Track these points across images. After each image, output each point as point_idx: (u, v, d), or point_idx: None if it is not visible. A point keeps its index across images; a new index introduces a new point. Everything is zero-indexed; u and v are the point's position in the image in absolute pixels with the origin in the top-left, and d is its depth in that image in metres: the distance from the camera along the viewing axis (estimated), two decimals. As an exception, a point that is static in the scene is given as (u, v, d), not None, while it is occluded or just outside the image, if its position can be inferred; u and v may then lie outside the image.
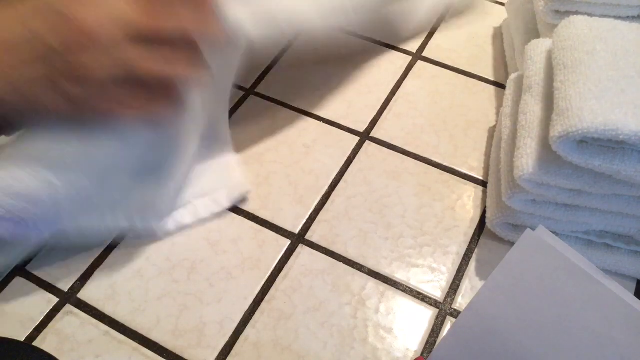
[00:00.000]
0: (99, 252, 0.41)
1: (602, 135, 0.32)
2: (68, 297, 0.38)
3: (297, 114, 0.50)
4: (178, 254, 0.41)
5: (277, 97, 0.51)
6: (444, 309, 0.39)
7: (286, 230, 0.42)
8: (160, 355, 0.36)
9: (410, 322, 0.38)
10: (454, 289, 0.40)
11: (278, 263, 0.40)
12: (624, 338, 0.28)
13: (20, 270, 0.40)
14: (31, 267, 0.40)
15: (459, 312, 0.38)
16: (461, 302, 0.39)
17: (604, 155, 0.33)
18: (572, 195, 0.37)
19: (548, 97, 0.38)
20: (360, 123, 0.49)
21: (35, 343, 0.36)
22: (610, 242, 0.40)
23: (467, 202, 0.44)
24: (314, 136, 0.48)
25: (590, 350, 0.29)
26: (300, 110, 0.50)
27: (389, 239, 0.42)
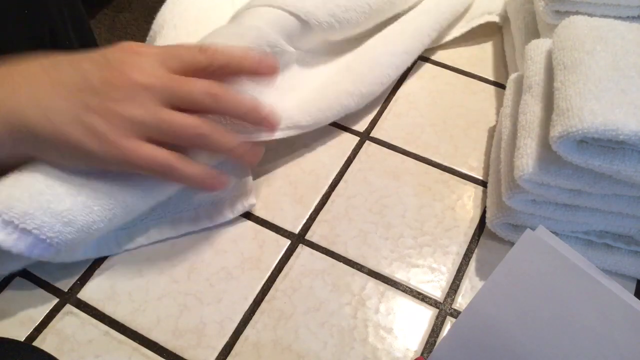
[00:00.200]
0: (99, 252, 0.41)
1: (602, 135, 0.32)
2: (68, 297, 0.38)
3: (297, 114, 0.49)
4: (178, 254, 0.41)
5: (277, 97, 0.51)
6: (444, 309, 0.39)
7: (286, 230, 0.42)
8: (160, 355, 0.36)
9: (410, 322, 0.38)
10: (454, 289, 0.40)
11: (278, 263, 0.40)
12: (624, 338, 0.28)
13: (20, 270, 0.39)
14: (31, 267, 0.40)
15: (459, 312, 0.38)
16: (461, 302, 0.39)
17: (604, 155, 0.33)
18: (572, 195, 0.37)
19: (548, 97, 0.38)
20: (360, 123, 0.49)
21: (35, 343, 0.36)
22: (610, 242, 0.40)
23: (467, 202, 0.44)
24: (314, 136, 0.48)
25: (590, 350, 0.29)
26: (300, 110, 0.50)
27: (389, 239, 0.42)
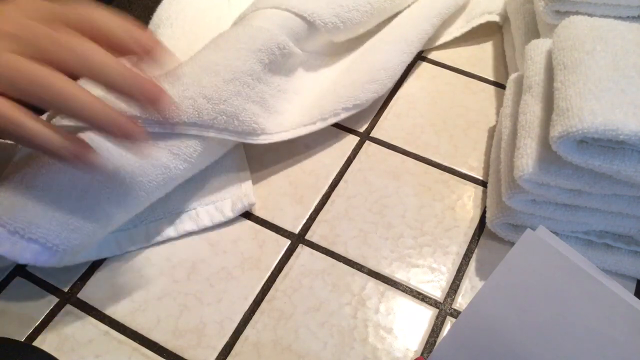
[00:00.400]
0: (99, 252, 0.41)
1: (602, 135, 0.32)
2: (68, 297, 0.38)
3: (297, 114, 0.49)
4: (178, 254, 0.41)
5: (277, 97, 0.51)
6: (444, 309, 0.39)
7: (286, 230, 0.42)
8: (160, 355, 0.36)
9: (410, 322, 0.38)
10: (454, 289, 0.40)
11: (278, 263, 0.40)
12: (624, 337, 0.28)
13: (20, 270, 0.40)
14: (31, 267, 0.40)
15: (459, 312, 0.38)
16: (461, 302, 0.39)
17: (604, 155, 0.33)
18: (572, 195, 0.37)
19: (548, 97, 0.38)
20: (360, 123, 0.49)
21: (35, 343, 0.36)
22: (610, 242, 0.40)
23: (467, 202, 0.44)
24: (314, 136, 0.48)
25: (590, 350, 0.29)
26: (300, 110, 0.50)
27: (389, 239, 0.42)
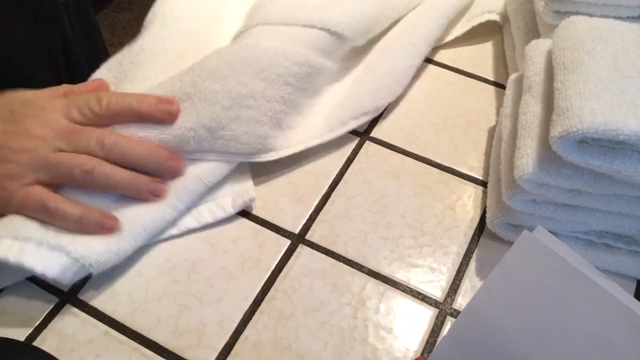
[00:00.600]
0: (99, 252, 0.41)
1: (602, 135, 0.32)
2: (68, 297, 0.38)
3: (297, 114, 0.49)
4: (178, 254, 0.41)
5: (277, 97, 0.51)
6: (444, 309, 0.39)
7: (286, 230, 0.42)
8: (160, 355, 0.36)
9: (410, 322, 0.38)
10: (454, 289, 0.40)
11: (278, 263, 0.40)
12: (621, 338, 0.28)
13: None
14: (31, 267, 0.40)
15: (459, 312, 0.38)
16: (461, 302, 0.39)
17: (604, 155, 0.33)
18: (572, 195, 0.37)
19: (548, 97, 0.38)
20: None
21: (35, 343, 0.36)
22: (610, 242, 0.40)
23: (467, 202, 0.44)
24: (314, 136, 0.48)
25: (587, 351, 0.29)
26: (300, 110, 0.50)
27: (389, 239, 0.42)
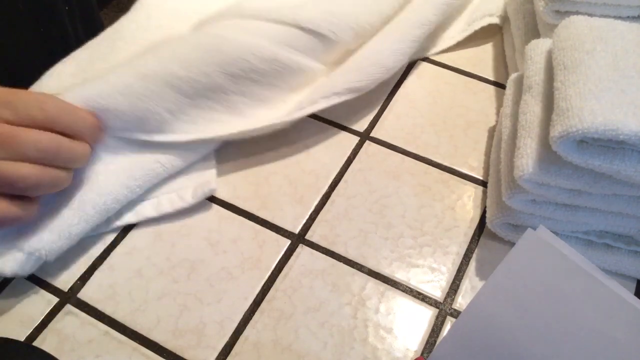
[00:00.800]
0: (99, 252, 0.41)
1: (602, 135, 0.32)
2: (68, 297, 0.38)
3: (297, 114, 0.49)
4: (178, 254, 0.41)
5: (277, 97, 0.51)
6: (444, 309, 0.39)
7: (286, 230, 0.42)
8: (160, 355, 0.36)
9: (410, 322, 0.38)
10: (454, 289, 0.40)
11: (278, 263, 0.40)
12: (625, 337, 0.28)
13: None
14: (31, 267, 0.40)
15: (459, 312, 0.38)
16: (461, 302, 0.39)
17: (604, 155, 0.33)
18: (572, 195, 0.37)
19: (548, 97, 0.38)
20: (360, 123, 0.49)
21: (35, 343, 0.36)
22: (610, 242, 0.40)
23: (467, 202, 0.44)
24: (314, 136, 0.48)
25: (590, 350, 0.29)
26: (300, 110, 0.50)
27: (389, 239, 0.42)
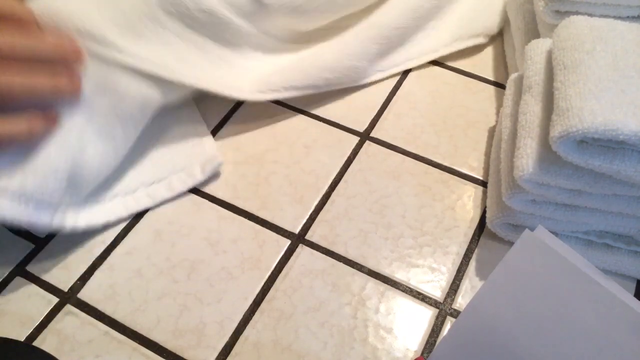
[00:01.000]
0: (99, 252, 0.41)
1: (602, 135, 0.32)
2: (68, 297, 0.39)
3: (297, 114, 0.50)
4: (178, 254, 0.41)
5: (277, 97, 0.51)
6: (444, 309, 0.39)
7: (286, 230, 0.42)
8: (160, 355, 0.36)
9: (410, 322, 0.38)
10: (454, 289, 0.40)
11: (278, 263, 0.40)
12: (622, 338, 0.28)
13: (20, 270, 0.40)
14: (31, 267, 0.40)
15: (459, 312, 0.38)
16: (461, 302, 0.39)
17: (604, 155, 0.33)
18: (572, 195, 0.37)
19: (548, 97, 0.38)
20: (360, 123, 0.49)
21: (35, 343, 0.36)
22: (610, 242, 0.40)
23: (467, 202, 0.44)
24: (314, 136, 0.48)
25: (589, 351, 0.29)
26: (300, 110, 0.50)
27: (389, 239, 0.42)
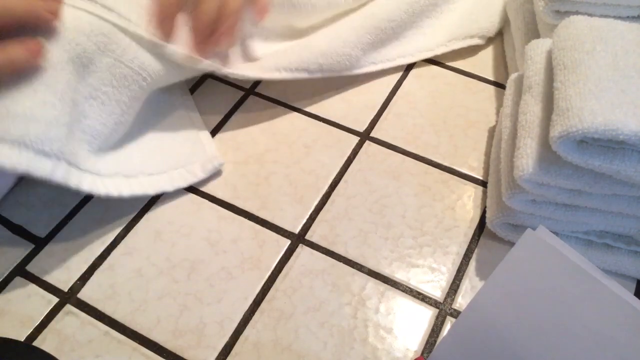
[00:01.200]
0: (99, 252, 0.41)
1: (602, 135, 0.32)
2: (68, 297, 0.38)
3: (297, 114, 0.50)
4: (178, 254, 0.41)
5: (277, 97, 0.51)
6: (444, 309, 0.39)
7: (286, 230, 0.42)
8: (160, 355, 0.36)
9: (410, 322, 0.38)
10: (454, 289, 0.40)
11: (278, 263, 0.40)
12: (624, 337, 0.28)
13: (20, 270, 0.40)
14: (31, 267, 0.40)
15: (459, 312, 0.38)
16: (461, 302, 0.39)
17: (604, 155, 0.33)
18: (572, 195, 0.37)
19: (548, 97, 0.38)
20: (360, 123, 0.49)
21: (35, 343, 0.36)
22: (610, 242, 0.40)
23: (467, 202, 0.44)
24: (314, 136, 0.48)
25: (590, 350, 0.29)
26: (300, 110, 0.50)
27: (389, 239, 0.42)
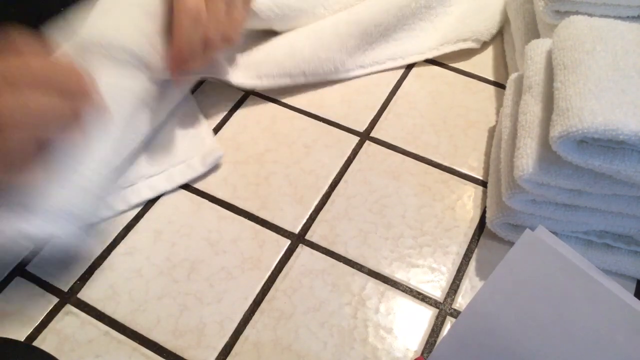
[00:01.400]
0: (99, 252, 0.41)
1: (602, 135, 0.32)
2: (68, 297, 0.38)
3: (297, 114, 0.50)
4: (178, 254, 0.41)
5: (277, 97, 0.51)
6: (444, 309, 0.39)
7: (286, 230, 0.42)
8: (160, 355, 0.36)
9: (410, 322, 0.38)
10: (454, 289, 0.40)
11: (278, 263, 0.40)
12: (623, 338, 0.28)
13: (20, 270, 0.40)
14: (31, 267, 0.40)
15: (459, 312, 0.38)
16: (461, 302, 0.39)
17: (604, 155, 0.33)
18: (572, 195, 0.37)
19: (548, 97, 0.38)
20: (360, 123, 0.49)
21: (35, 343, 0.36)
22: (610, 242, 0.40)
23: (467, 202, 0.44)
24: (314, 136, 0.48)
25: (589, 351, 0.29)
26: (300, 110, 0.50)
27: (389, 239, 0.42)
